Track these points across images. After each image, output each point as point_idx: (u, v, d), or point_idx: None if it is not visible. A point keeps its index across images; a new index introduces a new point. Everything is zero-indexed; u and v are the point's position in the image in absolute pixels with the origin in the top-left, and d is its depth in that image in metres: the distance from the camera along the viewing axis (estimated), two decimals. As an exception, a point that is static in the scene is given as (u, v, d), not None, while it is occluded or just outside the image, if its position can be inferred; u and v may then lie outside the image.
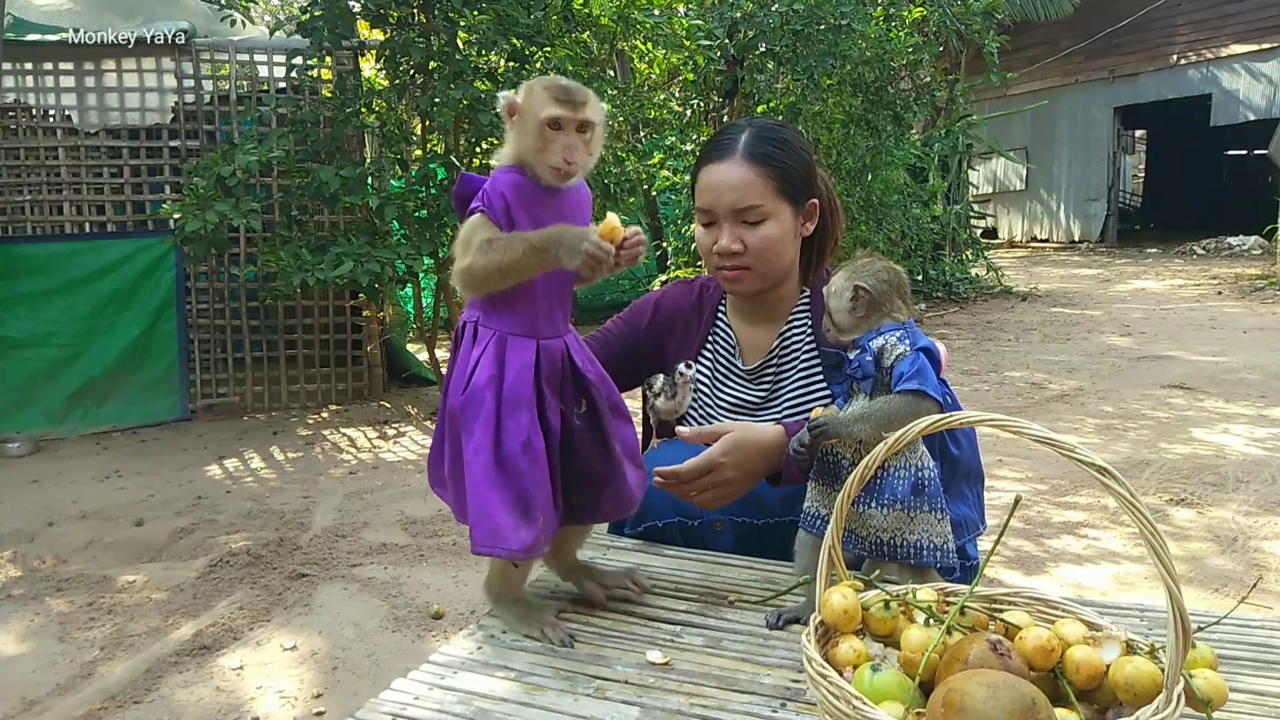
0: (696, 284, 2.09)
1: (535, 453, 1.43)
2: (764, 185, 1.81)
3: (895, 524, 1.36)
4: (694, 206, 1.92)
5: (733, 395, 1.96)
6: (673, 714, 1.28)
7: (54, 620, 3.13)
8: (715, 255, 1.86)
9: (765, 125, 1.89)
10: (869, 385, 1.43)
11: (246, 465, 5.04)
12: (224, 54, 6.22)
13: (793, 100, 6.32)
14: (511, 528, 1.40)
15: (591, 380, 1.51)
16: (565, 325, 1.52)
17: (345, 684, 2.64)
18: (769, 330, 1.95)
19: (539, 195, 1.45)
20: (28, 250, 5.93)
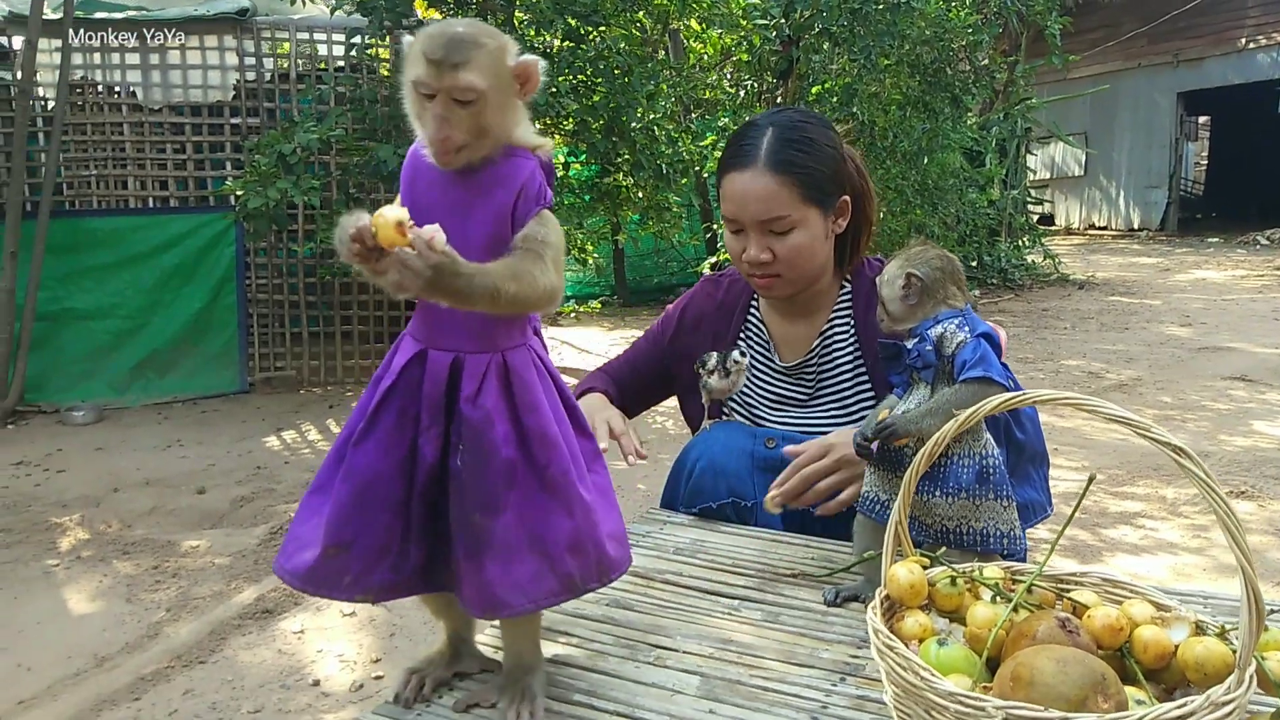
0: (724, 280, 2.07)
1: (354, 474, 1.16)
2: (789, 194, 1.75)
3: (960, 512, 1.36)
4: (720, 212, 1.88)
5: (772, 390, 1.96)
6: (732, 684, 1.30)
7: (121, 582, 3.24)
8: (745, 263, 1.83)
9: (787, 124, 1.80)
10: (930, 375, 1.41)
11: (304, 437, 5.14)
12: (284, 32, 6.31)
13: (848, 81, 6.26)
14: (295, 542, 1.21)
15: (471, 419, 1.15)
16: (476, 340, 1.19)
17: (403, 650, 2.70)
18: (807, 325, 1.92)
19: (430, 175, 1.18)
20: (93, 224, 6.08)
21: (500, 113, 1.16)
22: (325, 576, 1.17)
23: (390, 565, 1.19)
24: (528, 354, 1.23)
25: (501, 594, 1.16)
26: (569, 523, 1.19)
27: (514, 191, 1.18)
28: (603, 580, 1.24)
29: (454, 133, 1.13)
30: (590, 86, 5.68)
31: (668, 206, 6.46)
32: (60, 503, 4.10)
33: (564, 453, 1.20)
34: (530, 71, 1.18)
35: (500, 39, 1.17)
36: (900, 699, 0.99)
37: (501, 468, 1.16)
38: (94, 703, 2.49)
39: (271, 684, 2.55)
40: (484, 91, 1.13)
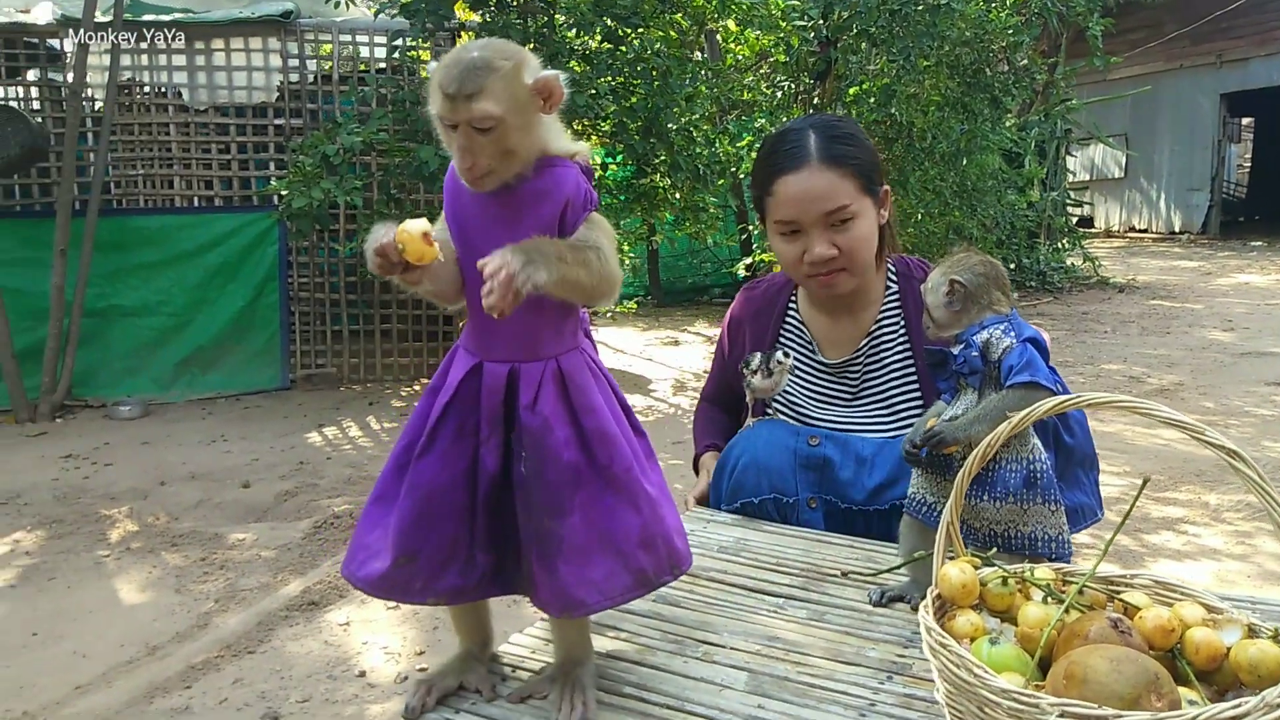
0: (759, 285, 2.12)
1: (418, 487, 1.21)
2: (848, 185, 1.79)
3: (1008, 516, 1.37)
4: (770, 220, 1.87)
5: (817, 389, 1.97)
6: (780, 680, 1.32)
7: (170, 573, 3.31)
8: (806, 265, 1.83)
9: (826, 123, 1.86)
10: (977, 380, 1.42)
11: (345, 434, 5.22)
12: (327, 34, 6.40)
13: (886, 82, 6.23)
14: (363, 550, 1.25)
15: (530, 426, 1.19)
16: (530, 349, 1.22)
17: (446, 643, 2.74)
18: (853, 323, 1.94)
19: (466, 193, 1.20)
20: (140, 222, 6.20)
21: (523, 132, 1.16)
22: (396, 583, 1.23)
23: (458, 571, 1.23)
24: (580, 357, 1.26)
25: (578, 594, 1.19)
26: (637, 519, 1.22)
27: (560, 203, 1.20)
28: (674, 573, 1.27)
29: (479, 160, 1.15)
30: (629, 88, 5.70)
31: (704, 207, 6.48)
32: (109, 495, 4.20)
33: (625, 450, 1.23)
34: (550, 86, 1.18)
35: (517, 58, 1.17)
36: (953, 696, 1.01)
37: (565, 471, 1.19)
38: (147, 690, 2.56)
39: (318, 674, 2.60)
40: (501, 117, 1.13)
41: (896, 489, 1.77)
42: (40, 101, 6.27)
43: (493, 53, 1.15)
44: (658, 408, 5.83)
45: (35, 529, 3.79)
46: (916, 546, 1.50)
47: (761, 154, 1.91)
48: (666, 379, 6.59)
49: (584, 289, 1.18)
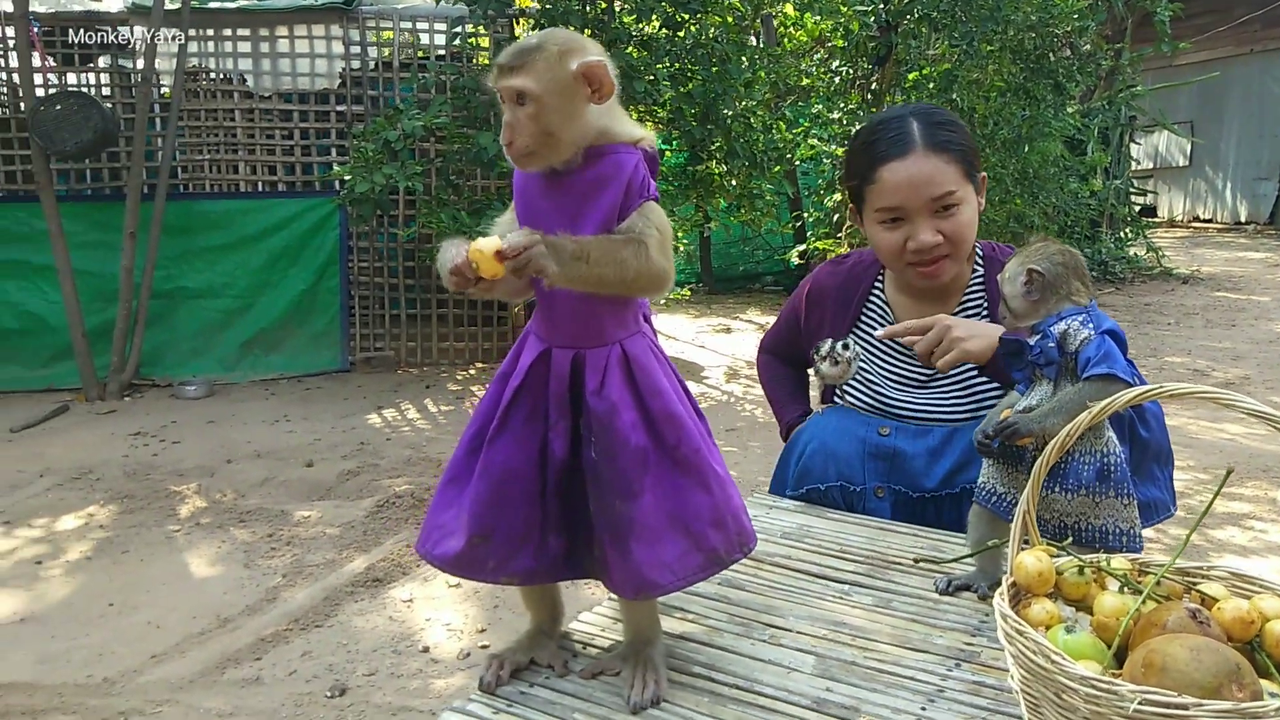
0: (846, 263, 2.08)
1: (491, 469, 1.24)
2: (953, 171, 1.78)
3: (1080, 509, 1.36)
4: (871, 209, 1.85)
5: (896, 371, 1.97)
6: (848, 665, 1.33)
7: (239, 548, 3.41)
8: (910, 253, 1.81)
9: (926, 111, 1.86)
10: (1053, 371, 1.41)
11: (403, 415, 5.31)
12: (388, 21, 6.47)
13: (947, 67, 6.15)
14: (438, 530, 1.28)
15: (597, 411, 1.21)
16: (593, 335, 1.25)
17: (506, 621, 2.79)
18: (937, 308, 1.92)
19: (538, 183, 1.23)
20: (206, 206, 6.35)
21: (564, 116, 1.17)
22: (470, 562, 1.26)
23: (531, 553, 1.26)
24: (644, 340, 1.28)
25: (651, 575, 1.22)
26: (707, 498, 1.24)
27: (620, 188, 1.20)
28: (743, 551, 1.29)
29: (516, 136, 1.17)
30: (687, 74, 5.70)
31: (760, 194, 6.45)
32: (177, 472, 4.32)
33: (693, 430, 1.25)
34: (594, 72, 1.18)
35: (567, 45, 1.19)
36: (1028, 683, 1.02)
37: (633, 454, 1.21)
38: (219, 660, 2.64)
39: (384, 649, 2.67)
40: (536, 94, 1.15)
41: (968, 473, 1.77)
42: (110, 88, 6.43)
43: (546, 36, 1.19)
44: (710, 395, 5.84)
45: (108, 504, 3.92)
46: (985, 536, 1.50)
47: (860, 142, 1.89)
48: (719, 366, 6.59)
49: (614, 285, 1.19)
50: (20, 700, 2.48)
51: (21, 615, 2.97)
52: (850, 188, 1.93)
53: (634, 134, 1.26)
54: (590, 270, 1.16)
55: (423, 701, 2.41)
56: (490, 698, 1.27)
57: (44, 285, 6.01)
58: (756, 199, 6.47)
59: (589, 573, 1.32)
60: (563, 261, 1.14)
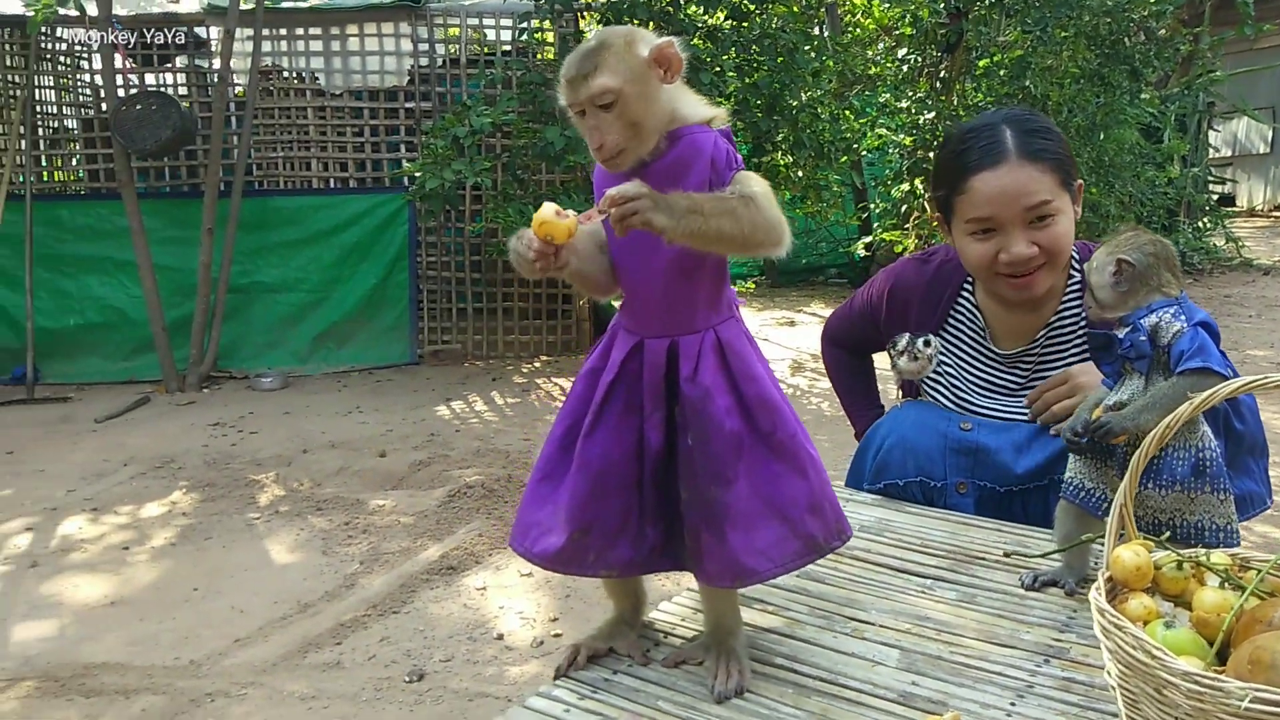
0: (933, 261, 2.02)
1: (590, 464, 1.24)
2: (1050, 180, 1.71)
3: (1174, 505, 1.33)
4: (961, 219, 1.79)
5: (984, 378, 1.93)
6: (934, 659, 1.32)
7: (317, 536, 3.49)
8: (1002, 265, 1.74)
9: (1020, 117, 1.79)
10: (1144, 365, 1.38)
11: (471, 407, 5.38)
12: (455, 18, 6.55)
13: (1020, 54, 6.02)
14: (536, 527, 1.29)
15: (691, 397, 1.21)
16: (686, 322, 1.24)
17: (578, 611, 2.82)
18: (1031, 315, 1.86)
19: (616, 178, 1.21)
20: (280, 203, 6.49)
21: (645, 102, 1.18)
22: (571, 557, 1.28)
23: (629, 543, 1.27)
24: (738, 325, 1.28)
25: (748, 561, 1.22)
26: (803, 484, 1.24)
27: (704, 170, 1.20)
28: (841, 539, 1.29)
29: (607, 137, 1.17)
30: (752, 65, 5.67)
31: (827, 185, 6.39)
32: (255, 461, 4.44)
33: (788, 416, 1.24)
34: (666, 54, 1.20)
35: (630, 35, 1.20)
36: (1126, 678, 1.00)
37: (728, 440, 1.21)
38: (300, 644, 2.71)
39: (459, 636, 2.71)
40: (619, 89, 1.16)
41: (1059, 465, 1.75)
42: (188, 88, 6.61)
43: (606, 34, 1.20)
44: (776, 388, 5.81)
45: (190, 492, 4.04)
46: (1072, 531, 1.48)
47: (950, 151, 1.83)
48: (783, 359, 6.56)
49: (733, 240, 1.18)
50: (113, 680, 2.58)
51: (111, 599, 3.08)
52: (939, 198, 1.87)
53: (705, 113, 1.26)
54: (708, 224, 1.15)
55: (498, 688, 2.44)
56: (575, 684, 1.29)
57: (126, 280, 6.21)
58: (823, 190, 6.41)
59: (684, 565, 1.32)
60: (676, 215, 1.13)
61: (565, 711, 1.22)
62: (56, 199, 6.51)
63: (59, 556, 3.42)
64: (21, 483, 4.24)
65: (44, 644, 2.79)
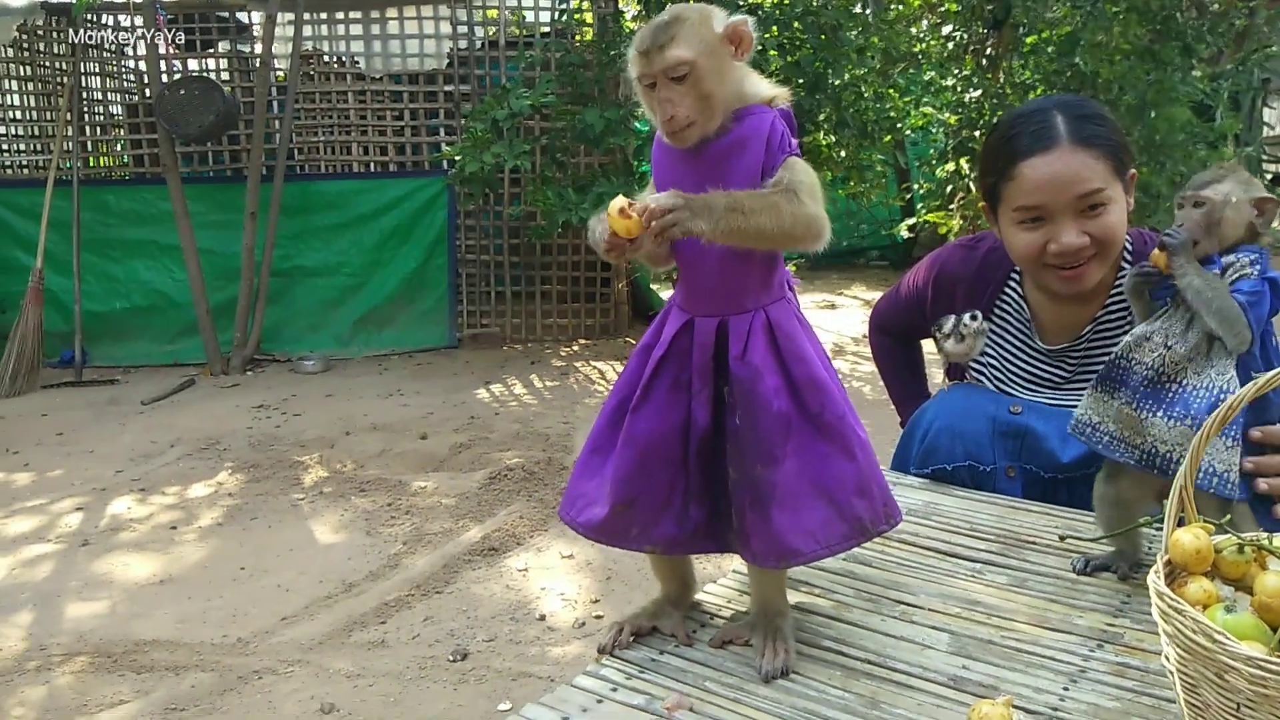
0: (981, 248, 1.97)
1: (636, 438, 1.25)
2: (1102, 168, 1.64)
3: (1179, 439, 1.32)
4: (1008, 207, 1.73)
5: (1028, 371, 1.89)
6: (984, 644, 1.31)
7: (360, 516, 3.53)
8: (1052, 255, 1.68)
9: (1072, 103, 1.72)
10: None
11: (510, 390, 5.40)
12: (494, 1, 6.53)
13: (1069, 30, 5.88)
14: (582, 498, 1.30)
15: (740, 376, 1.21)
16: (737, 302, 1.24)
17: (619, 593, 2.83)
18: (1078, 309, 1.80)
19: (674, 156, 1.24)
20: (322, 187, 6.54)
21: (718, 78, 1.18)
22: (614, 529, 1.28)
23: (673, 521, 1.27)
24: (788, 306, 1.28)
25: (793, 541, 1.21)
26: (851, 466, 1.23)
27: (760, 147, 1.20)
28: (890, 523, 1.27)
29: (679, 110, 1.17)
30: (795, 43, 5.60)
31: (870, 165, 6.31)
32: (299, 443, 4.49)
33: (837, 397, 1.23)
34: (740, 31, 1.20)
35: (704, 10, 1.21)
36: (1185, 662, 0.97)
37: (776, 419, 1.20)
38: (345, 623, 2.74)
39: (502, 616, 2.73)
40: (694, 61, 1.16)
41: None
42: (230, 72, 6.67)
43: (680, 9, 1.20)
44: (817, 371, 5.78)
45: (236, 472, 4.10)
46: (1112, 515, 1.47)
47: (998, 136, 1.77)
48: (825, 343, 6.49)
49: (773, 235, 1.18)
50: (163, 656, 2.62)
51: (160, 577, 3.13)
52: (986, 185, 1.81)
53: (767, 93, 1.25)
54: (748, 221, 1.15)
55: (541, 668, 2.46)
56: (622, 663, 1.29)
57: (170, 264, 6.30)
58: (866, 170, 6.34)
59: (729, 546, 1.31)
60: (716, 217, 1.14)
61: (613, 690, 1.22)
62: (103, 184, 6.61)
63: (109, 535, 3.49)
64: (72, 463, 4.33)
65: (96, 620, 2.85)
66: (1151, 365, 1.38)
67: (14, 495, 3.94)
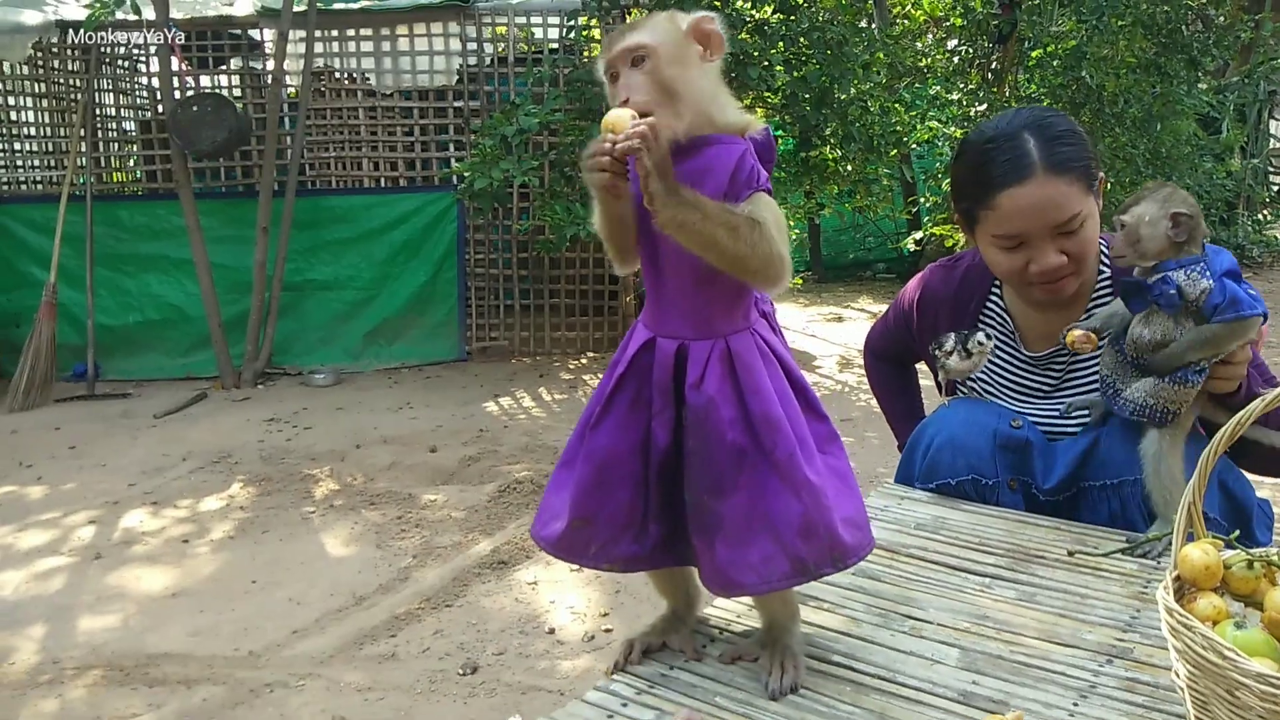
0: (959, 267, 2.01)
1: (594, 454, 1.24)
2: (1075, 190, 1.67)
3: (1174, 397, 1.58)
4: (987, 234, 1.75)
5: (1015, 379, 1.92)
6: (994, 659, 1.31)
7: (370, 529, 3.54)
8: (1033, 275, 1.73)
9: (1040, 122, 1.71)
10: (1173, 310, 1.56)
11: (519, 403, 5.42)
12: (503, 17, 6.58)
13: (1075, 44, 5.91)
14: (548, 512, 1.30)
15: (694, 405, 1.19)
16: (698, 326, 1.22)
17: (628, 607, 2.83)
18: (1062, 315, 1.83)
19: None
20: (332, 202, 6.57)
21: (682, 71, 1.16)
22: (572, 545, 1.28)
23: (632, 538, 1.26)
24: (750, 338, 1.24)
25: (734, 574, 1.21)
26: (798, 505, 1.20)
27: (725, 177, 1.17)
28: (836, 565, 1.24)
29: (635, 95, 1.15)
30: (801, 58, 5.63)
31: (876, 179, 6.33)
32: (310, 456, 4.51)
33: (789, 435, 1.20)
34: (705, 28, 1.19)
35: (674, 12, 1.22)
36: (1196, 679, 0.98)
37: (728, 451, 1.19)
38: (356, 636, 2.76)
39: (511, 629, 2.74)
40: (653, 46, 1.16)
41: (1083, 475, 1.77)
42: (242, 89, 6.72)
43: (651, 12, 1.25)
44: (823, 385, 5.79)
45: (247, 485, 4.12)
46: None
47: (970, 163, 1.77)
48: (831, 356, 6.52)
49: (726, 254, 1.15)
50: (175, 669, 2.64)
51: (173, 590, 3.15)
52: (961, 209, 1.82)
53: (739, 122, 1.23)
54: (703, 224, 1.13)
55: (550, 682, 2.46)
56: (632, 679, 1.30)
57: (183, 278, 6.33)
58: (872, 184, 6.35)
59: (687, 560, 1.31)
60: (672, 194, 1.11)
61: (623, 706, 1.23)
62: (116, 199, 6.65)
63: (121, 548, 3.51)
64: (84, 476, 4.35)
65: (109, 633, 2.87)
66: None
67: (27, 508, 3.97)
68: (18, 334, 6.13)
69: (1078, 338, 1.65)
